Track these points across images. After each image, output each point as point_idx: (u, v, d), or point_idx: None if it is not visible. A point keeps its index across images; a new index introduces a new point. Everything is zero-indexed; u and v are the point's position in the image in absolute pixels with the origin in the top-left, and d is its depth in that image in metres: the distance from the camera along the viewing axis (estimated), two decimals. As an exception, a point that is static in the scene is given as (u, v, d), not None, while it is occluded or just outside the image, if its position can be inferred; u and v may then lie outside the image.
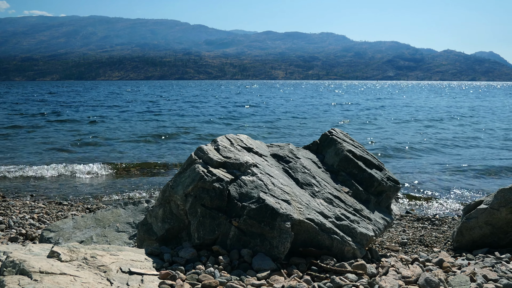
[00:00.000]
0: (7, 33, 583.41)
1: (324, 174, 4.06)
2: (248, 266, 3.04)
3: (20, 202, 7.55)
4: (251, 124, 22.52)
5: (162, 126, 20.78)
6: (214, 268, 2.93)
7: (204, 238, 3.24)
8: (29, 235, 5.38)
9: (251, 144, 4.05)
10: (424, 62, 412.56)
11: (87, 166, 10.71)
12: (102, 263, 2.84)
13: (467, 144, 15.70)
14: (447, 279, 3.31)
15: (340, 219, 3.45)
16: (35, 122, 22.02)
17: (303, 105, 38.22)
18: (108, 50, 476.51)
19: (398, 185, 4.32)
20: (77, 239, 4.19)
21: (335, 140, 4.36)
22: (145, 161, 11.87)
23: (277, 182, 3.51)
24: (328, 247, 3.26)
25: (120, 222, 4.39)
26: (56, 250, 2.88)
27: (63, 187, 9.07)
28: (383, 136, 17.44)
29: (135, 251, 3.18)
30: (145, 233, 3.60)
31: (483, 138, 17.45)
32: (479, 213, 4.73)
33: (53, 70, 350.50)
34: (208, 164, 3.51)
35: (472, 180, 9.93)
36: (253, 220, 3.16)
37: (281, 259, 3.13)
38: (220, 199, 3.30)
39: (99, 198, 8.16)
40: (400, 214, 7.18)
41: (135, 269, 2.84)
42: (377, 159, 4.51)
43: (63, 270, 2.63)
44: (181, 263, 3.04)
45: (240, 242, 3.19)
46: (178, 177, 3.56)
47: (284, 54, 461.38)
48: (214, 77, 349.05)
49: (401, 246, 5.08)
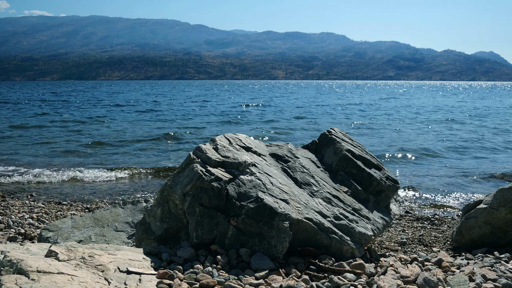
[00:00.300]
0: (7, 33, 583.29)
1: (323, 174, 4.05)
2: (246, 266, 3.03)
3: (20, 202, 7.54)
4: (263, 125, 21.74)
5: (171, 127, 20.25)
6: (212, 268, 2.92)
7: (202, 237, 3.23)
8: (28, 234, 5.37)
9: (249, 143, 4.04)
10: (424, 62, 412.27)
11: (91, 167, 10.70)
12: (100, 263, 2.84)
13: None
14: (446, 278, 3.30)
15: (339, 218, 3.43)
16: (40, 123, 21.87)
17: (314, 105, 37.14)
18: (108, 50, 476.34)
19: (397, 185, 4.31)
20: (75, 239, 4.18)
21: (334, 140, 4.34)
22: (155, 163, 11.67)
23: (275, 182, 3.49)
24: (326, 246, 3.24)
25: (119, 222, 4.38)
26: (54, 249, 2.87)
27: (64, 188, 9.03)
28: (405, 138, 16.68)
29: (133, 250, 3.17)
30: (143, 233, 3.59)
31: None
32: (478, 212, 4.72)
33: (53, 70, 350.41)
34: (206, 164, 3.50)
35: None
36: (251, 220, 3.15)
37: (279, 258, 3.11)
38: (219, 199, 3.29)
39: (99, 198, 8.14)
40: (400, 214, 7.17)
41: (133, 269, 2.83)
42: (376, 158, 4.50)
43: (61, 270, 2.63)
44: (179, 262, 3.03)
45: (239, 241, 3.18)
46: (177, 177, 3.55)
47: (284, 54, 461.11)
48: (214, 77, 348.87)
49: (401, 246, 5.07)
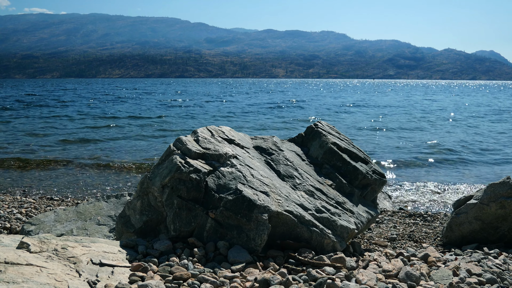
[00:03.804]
0: (8, 30, 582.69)
1: (308, 167, 3.97)
2: (224, 259, 2.96)
3: (11, 197, 7.47)
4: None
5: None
6: (188, 261, 2.85)
7: (180, 230, 3.16)
8: (13, 229, 5.32)
9: (233, 135, 3.96)
10: (424, 61, 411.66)
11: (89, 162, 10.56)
12: (72, 255, 2.77)
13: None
14: (430, 273, 3.24)
15: (320, 211, 3.36)
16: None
17: (342, 103, 35.36)
18: (108, 48, 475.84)
19: (383, 179, 4.23)
20: (57, 232, 4.11)
21: (320, 133, 4.27)
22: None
23: (256, 174, 3.42)
24: (307, 239, 3.17)
25: (102, 215, 4.31)
26: (25, 241, 2.81)
27: (69, 184, 8.85)
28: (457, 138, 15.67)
29: (109, 243, 3.11)
30: (123, 226, 3.52)
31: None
32: (468, 208, 4.65)
33: (53, 68, 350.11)
34: (186, 155, 3.43)
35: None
36: (229, 212, 3.08)
37: (258, 251, 3.04)
38: (197, 191, 3.22)
39: (95, 192, 8.00)
40: (393, 210, 7.10)
41: (106, 261, 2.77)
42: (363, 152, 4.42)
43: (30, 261, 2.56)
44: (155, 255, 2.97)
45: (217, 234, 3.11)
46: (156, 169, 3.48)
47: (285, 53, 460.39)
48: (214, 75, 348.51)
49: (390, 242, 5.01)
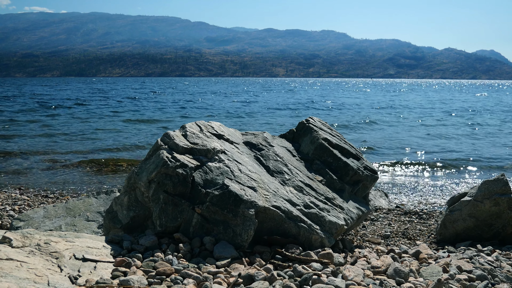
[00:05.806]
0: (8, 29, 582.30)
1: (298, 163, 3.93)
2: (210, 254, 2.92)
3: (5, 195, 7.42)
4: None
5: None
6: (173, 256, 2.82)
7: (166, 225, 3.12)
8: (4, 225, 5.28)
9: (222, 131, 3.92)
10: (425, 60, 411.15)
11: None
12: (55, 250, 2.73)
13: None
14: (419, 270, 3.20)
15: (309, 207, 3.31)
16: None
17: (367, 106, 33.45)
18: (108, 47, 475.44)
19: (375, 175, 4.18)
20: (45, 228, 4.08)
21: (312, 129, 4.22)
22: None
23: (244, 169, 3.37)
24: (295, 235, 3.13)
25: (91, 212, 4.27)
26: (7, 236, 2.77)
27: (70, 183, 8.76)
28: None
29: (94, 238, 3.07)
30: (110, 221, 3.48)
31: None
32: (462, 205, 4.61)
33: (53, 67, 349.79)
34: (173, 150, 3.39)
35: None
36: (216, 207, 3.04)
37: (244, 247, 3.00)
38: (184, 186, 3.18)
39: (92, 189, 7.93)
40: (388, 208, 7.05)
41: (90, 256, 2.73)
42: (356, 148, 4.37)
43: (11, 256, 2.52)
44: (139, 250, 2.93)
45: (203, 229, 3.07)
46: (144, 164, 3.44)
47: (285, 52, 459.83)
48: (214, 74, 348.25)
49: (384, 239, 4.97)
